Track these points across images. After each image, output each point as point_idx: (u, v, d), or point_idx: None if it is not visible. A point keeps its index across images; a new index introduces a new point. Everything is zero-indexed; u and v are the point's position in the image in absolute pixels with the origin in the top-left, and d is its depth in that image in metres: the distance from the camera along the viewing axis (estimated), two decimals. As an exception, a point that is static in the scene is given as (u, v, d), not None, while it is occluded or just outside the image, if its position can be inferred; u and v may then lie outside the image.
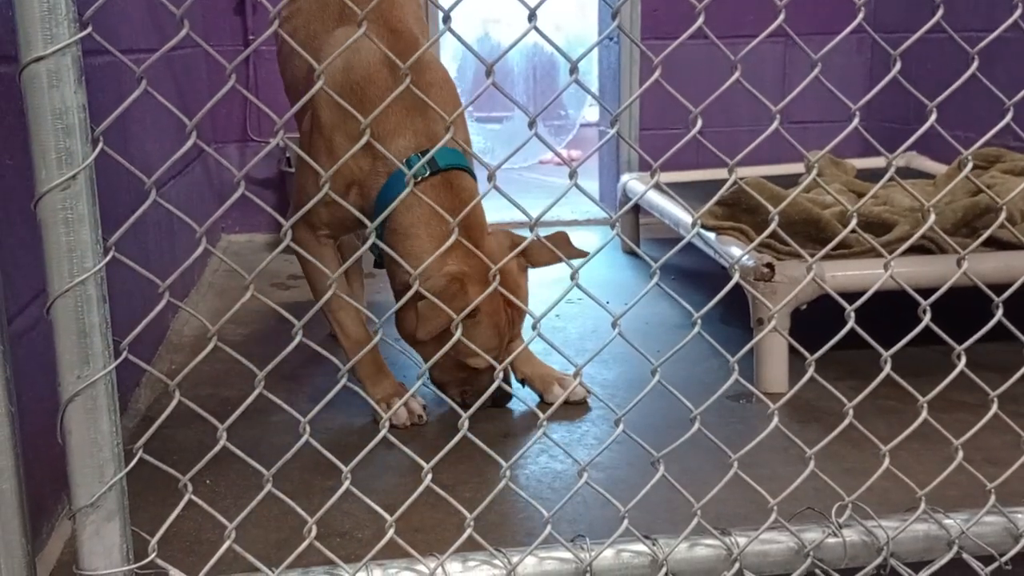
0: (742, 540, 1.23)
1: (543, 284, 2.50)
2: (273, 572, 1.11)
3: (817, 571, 1.26)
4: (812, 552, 1.24)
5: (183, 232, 2.75)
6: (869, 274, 2.06)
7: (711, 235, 2.36)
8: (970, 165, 1.25)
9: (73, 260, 0.96)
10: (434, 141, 1.81)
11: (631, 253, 3.39)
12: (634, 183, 3.35)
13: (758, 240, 1.26)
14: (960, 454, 1.31)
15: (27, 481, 1.06)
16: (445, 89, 1.93)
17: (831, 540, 1.25)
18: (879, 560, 1.26)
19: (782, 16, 1.12)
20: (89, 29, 0.93)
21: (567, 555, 1.20)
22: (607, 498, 1.23)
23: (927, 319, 1.22)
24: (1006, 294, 1.26)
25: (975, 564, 1.28)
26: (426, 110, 1.82)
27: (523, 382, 2.09)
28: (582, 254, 1.87)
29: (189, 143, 1.00)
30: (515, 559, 1.18)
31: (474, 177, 1.90)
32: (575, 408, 2.03)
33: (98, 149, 0.95)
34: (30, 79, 0.93)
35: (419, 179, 1.80)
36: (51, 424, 1.00)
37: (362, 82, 1.86)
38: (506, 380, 1.98)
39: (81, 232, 0.95)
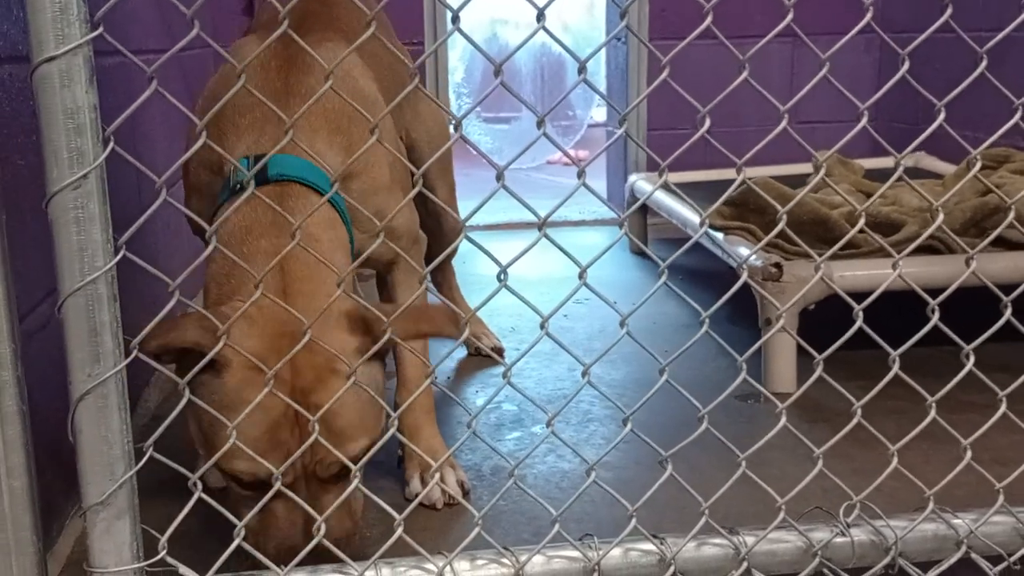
0: (750, 539, 1.23)
1: (551, 283, 2.51)
2: (282, 570, 1.12)
3: (825, 571, 1.26)
4: (820, 552, 1.24)
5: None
6: (877, 274, 2.06)
7: (719, 235, 2.36)
8: (979, 165, 1.24)
9: (84, 259, 0.96)
10: (284, 149, 1.27)
11: (639, 253, 3.39)
12: (642, 183, 3.35)
13: (766, 240, 1.26)
14: (969, 454, 1.31)
15: (38, 479, 1.07)
16: (340, 100, 1.41)
17: (839, 540, 1.25)
18: (887, 560, 1.26)
19: (791, 15, 1.12)
20: (100, 29, 0.94)
21: (575, 554, 1.20)
22: (615, 497, 1.23)
23: (935, 319, 1.22)
24: (1015, 293, 1.26)
25: (984, 564, 1.28)
26: (285, 113, 1.18)
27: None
28: (454, 333, 1.30)
29: (199, 143, 1.01)
30: (523, 558, 1.19)
31: (331, 198, 1.33)
32: (581, 408, 2.03)
33: (109, 148, 0.96)
34: (42, 79, 0.93)
35: (237, 188, 1.41)
36: (62, 422, 1.01)
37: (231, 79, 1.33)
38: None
39: (92, 231, 0.96)
